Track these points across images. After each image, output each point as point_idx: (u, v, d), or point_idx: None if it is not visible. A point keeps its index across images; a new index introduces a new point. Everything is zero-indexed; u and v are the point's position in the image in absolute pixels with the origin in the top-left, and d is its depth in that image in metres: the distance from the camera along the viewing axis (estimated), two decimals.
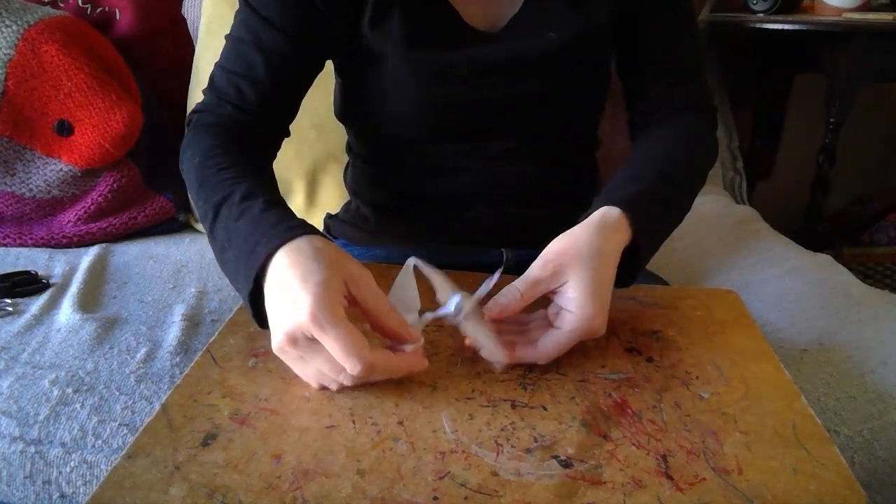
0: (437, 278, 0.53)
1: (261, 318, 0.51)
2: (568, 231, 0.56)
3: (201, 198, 0.58)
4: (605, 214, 0.56)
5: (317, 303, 0.44)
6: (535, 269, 0.53)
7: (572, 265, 0.52)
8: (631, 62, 0.74)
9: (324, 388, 0.50)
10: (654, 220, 0.60)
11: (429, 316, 0.52)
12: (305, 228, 0.51)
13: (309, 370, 0.49)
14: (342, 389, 0.50)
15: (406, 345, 0.49)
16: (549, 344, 0.52)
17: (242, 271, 0.50)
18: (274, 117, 0.70)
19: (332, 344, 0.44)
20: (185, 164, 0.65)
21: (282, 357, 0.49)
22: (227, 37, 0.69)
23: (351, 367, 0.44)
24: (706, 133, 0.73)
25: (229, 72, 0.67)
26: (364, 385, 0.50)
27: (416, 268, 0.53)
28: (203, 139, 0.64)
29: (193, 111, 0.69)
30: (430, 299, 0.53)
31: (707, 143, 0.73)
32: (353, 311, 0.47)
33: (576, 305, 0.51)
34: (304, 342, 0.46)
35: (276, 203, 0.55)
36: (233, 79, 0.66)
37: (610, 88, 0.78)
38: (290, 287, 0.46)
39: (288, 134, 0.73)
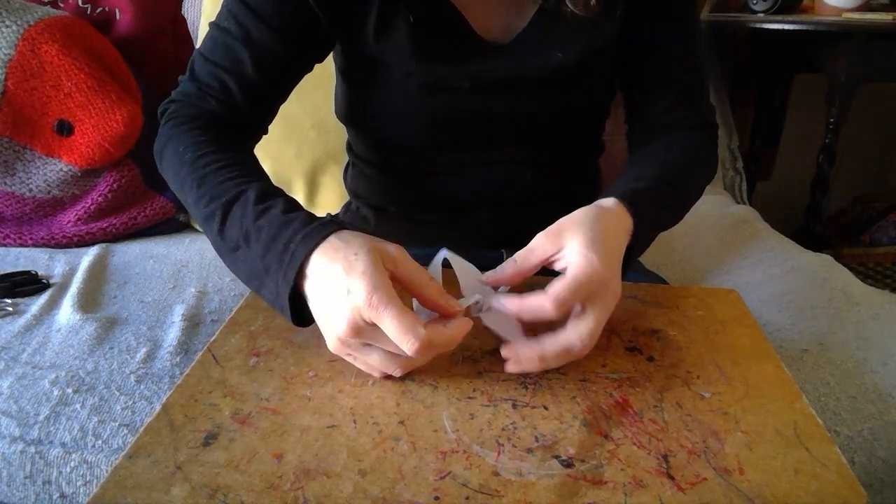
0: (465, 271, 0.53)
1: (299, 316, 0.51)
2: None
3: (204, 195, 0.56)
4: (602, 203, 0.55)
5: (370, 286, 0.45)
6: (533, 240, 0.52)
7: (570, 229, 0.51)
8: (633, 80, 0.74)
9: (388, 377, 0.51)
10: (650, 216, 0.59)
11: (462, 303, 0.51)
12: (336, 225, 0.51)
13: (373, 358, 0.49)
14: (343, 389, 0.50)
15: (451, 321, 0.49)
16: (558, 287, 0.48)
17: (276, 270, 0.50)
18: (257, 116, 0.68)
19: (388, 324, 0.45)
20: (171, 158, 0.62)
21: (345, 352, 0.49)
22: (211, 24, 0.66)
23: (409, 345, 0.45)
24: (705, 148, 0.73)
25: (214, 64, 0.64)
26: (365, 385, 0.50)
27: (445, 261, 0.53)
28: (189, 133, 0.62)
29: (171, 100, 0.67)
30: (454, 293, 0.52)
31: (706, 157, 0.73)
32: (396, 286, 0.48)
33: (578, 254, 0.49)
34: (365, 329, 0.46)
35: (294, 203, 0.55)
36: (217, 72, 0.64)
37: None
38: (338, 279, 0.46)
39: (266, 132, 0.71)
